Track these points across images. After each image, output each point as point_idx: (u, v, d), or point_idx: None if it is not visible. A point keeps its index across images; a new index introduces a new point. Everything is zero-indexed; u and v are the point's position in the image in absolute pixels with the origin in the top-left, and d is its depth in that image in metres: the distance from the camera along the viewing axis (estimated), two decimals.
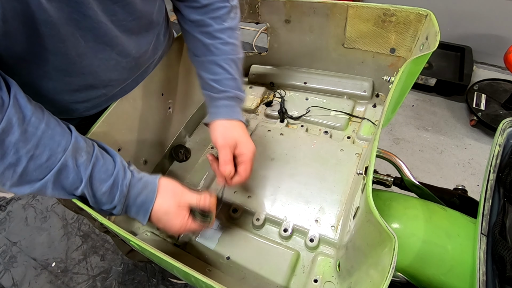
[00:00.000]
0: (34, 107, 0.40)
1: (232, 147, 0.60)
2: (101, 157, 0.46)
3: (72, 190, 0.43)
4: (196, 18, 0.59)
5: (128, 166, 0.50)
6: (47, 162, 0.40)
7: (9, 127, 0.37)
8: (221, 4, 0.59)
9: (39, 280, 1.41)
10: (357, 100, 0.85)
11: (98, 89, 0.55)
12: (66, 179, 0.42)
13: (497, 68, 1.96)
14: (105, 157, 0.47)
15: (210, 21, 0.59)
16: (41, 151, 0.39)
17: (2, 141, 0.36)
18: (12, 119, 0.37)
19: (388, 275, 0.32)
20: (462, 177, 1.55)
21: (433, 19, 0.60)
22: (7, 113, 0.37)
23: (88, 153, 0.44)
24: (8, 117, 0.37)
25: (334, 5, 0.72)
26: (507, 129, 0.53)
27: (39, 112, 0.41)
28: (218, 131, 0.60)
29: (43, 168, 0.40)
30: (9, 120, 0.37)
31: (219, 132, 0.60)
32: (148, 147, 0.70)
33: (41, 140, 0.40)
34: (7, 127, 0.36)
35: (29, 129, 0.39)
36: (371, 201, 0.38)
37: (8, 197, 1.72)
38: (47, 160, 0.40)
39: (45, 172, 0.40)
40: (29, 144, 0.38)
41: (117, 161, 0.48)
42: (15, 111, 0.37)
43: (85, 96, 0.54)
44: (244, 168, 0.60)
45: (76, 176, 0.43)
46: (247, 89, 0.94)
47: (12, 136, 0.37)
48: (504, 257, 0.45)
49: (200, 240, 0.64)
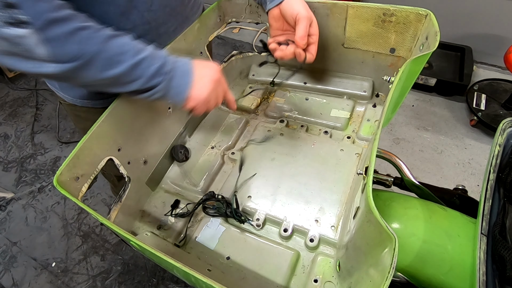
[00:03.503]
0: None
1: (310, 21, 0.64)
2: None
3: (122, 54, 0.49)
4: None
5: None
6: (96, 33, 0.47)
7: (61, 5, 0.45)
8: None
9: (39, 280, 1.41)
10: (357, 100, 0.85)
11: (141, 13, 0.58)
12: (115, 44, 0.49)
13: (497, 68, 1.96)
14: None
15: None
16: (89, 25, 0.47)
17: (58, 12, 0.43)
18: (59, 2, 0.45)
19: (389, 275, 0.32)
20: (462, 177, 1.55)
21: (433, 19, 0.60)
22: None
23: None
24: (58, 1, 0.45)
25: (334, 5, 0.72)
26: (507, 129, 0.53)
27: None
28: (299, 3, 0.64)
29: (93, 36, 0.47)
30: (58, 2, 0.44)
31: (300, 4, 0.64)
32: (148, 147, 0.70)
33: (87, 19, 0.48)
34: (58, 4, 0.44)
35: (74, 12, 0.46)
36: (371, 201, 0.38)
37: (8, 197, 1.72)
38: (96, 31, 0.47)
39: (96, 39, 0.47)
40: (79, 18, 0.46)
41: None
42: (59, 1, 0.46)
43: (131, 23, 0.58)
44: (314, 48, 0.67)
45: (124, 40, 0.50)
46: (247, 89, 0.94)
47: (65, 11, 0.45)
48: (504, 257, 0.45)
49: (200, 240, 0.64)
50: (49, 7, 0.43)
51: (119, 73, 0.49)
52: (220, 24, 0.85)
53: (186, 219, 0.68)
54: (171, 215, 0.68)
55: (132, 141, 0.65)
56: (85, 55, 0.46)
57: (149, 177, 0.72)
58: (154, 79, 0.52)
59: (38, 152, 1.94)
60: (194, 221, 0.68)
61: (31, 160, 1.90)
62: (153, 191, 0.74)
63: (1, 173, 1.86)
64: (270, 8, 0.68)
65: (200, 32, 0.76)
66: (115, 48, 0.49)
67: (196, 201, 0.69)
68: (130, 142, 0.64)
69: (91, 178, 0.57)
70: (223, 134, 0.83)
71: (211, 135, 0.83)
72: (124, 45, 0.50)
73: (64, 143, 1.98)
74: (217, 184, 0.73)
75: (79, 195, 0.54)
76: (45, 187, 1.76)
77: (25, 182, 1.80)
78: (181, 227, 0.67)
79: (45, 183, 1.78)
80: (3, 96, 2.33)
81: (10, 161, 1.92)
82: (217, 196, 0.68)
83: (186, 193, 0.73)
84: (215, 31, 0.83)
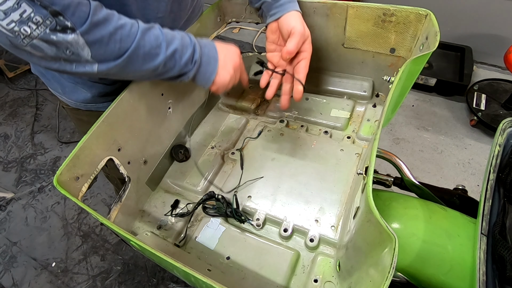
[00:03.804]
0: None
1: (305, 38, 0.65)
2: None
3: (157, 47, 0.52)
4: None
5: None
6: (132, 28, 0.50)
7: (96, 5, 0.46)
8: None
9: (39, 280, 1.42)
10: (357, 100, 0.85)
11: (149, 22, 0.59)
12: (149, 38, 0.51)
13: (497, 68, 1.96)
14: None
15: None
16: (124, 21, 0.49)
17: (97, 15, 0.45)
18: (94, 2, 0.46)
19: (389, 275, 0.32)
20: (462, 177, 1.55)
21: (433, 19, 0.60)
22: (91, 1, 0.46)
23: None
24: (92, 1, 0.46)
25: (334, 5, 0.72)
26: (507, 129, 0.53)
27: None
28: (295, 19, 0.65)
29: (131, 33, 0.49)
30: (93, 3, 0.46)
31: (297, 20, 0.65)
32: (148, 147, 0.70)
33: (120, 15, 0.50)
34: (95, 6, 0.46)
35: (108, 10, 0.48)
36: (371, 201, 0.38)
37: (8, 197, 1.72)
38: (131, 27, 0.50)
39: (133, 35, 0.49)
40: (114, 17, 0.48)
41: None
42: (95, 2, 0.47)
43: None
44: (305, 64, 0.67)
45: (156, 32, 0.52)
46: (247, 89, 0.94)
47: (102, 11, 0.47)
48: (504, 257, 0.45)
49: (200, 240, 0.64)
50: (89, 11, 0.45)
51: (156, 65, 0.53)
52: (220, 24, 0.85)
53: (186, 219, 0.68)
54: (171, 215, 0.68)
55: (132, 141, 0.65)
56: (126, 52, 0.49)
57: (149, 177, 0.72)
58: (186, 68, 0.56)
59: (38, 152, 1.94)
60: (194, 221, 0.68)
61: (31, 160, 1.90)
62: (153, 191, 0.74)
63: (1, 173, 1.86)
64: (270, 22, 0.69)
65: (200, 32, 0.76)
66: (151, 42, 0.52)
67: (196, 201, 0.69)
68: (130, 142, 0.64)
69: (91, 178, 0.57)
70: (223, 134, 0.83)
71: (211, 135, 0.83)
72: (157, 37, 0.52)
73: (64, 143, 1.98)
74: (217, 184, 0.73)
75: (79, 195, 0.54)
76: (45, 187, 1.76)
77: (25, 182, 1.80)
78: (181, 227, 0.67)
79: (45, 183, 1.78)
80: (3, 96, 2.33)
81: (10, 161, 1.92)
82: (217, 196, 0.68)
83: (186, 193, 0.73)
84: (215, 31, 0.83)
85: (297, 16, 0.66)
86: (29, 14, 0.40)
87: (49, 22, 0.42)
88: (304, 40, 0.66)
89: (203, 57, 0.58)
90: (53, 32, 0.43)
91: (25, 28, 0.41)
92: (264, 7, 0.71)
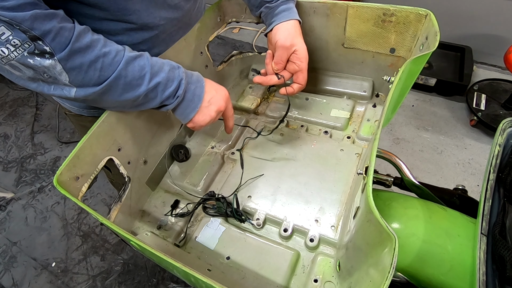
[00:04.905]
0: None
1: (288, 50, 0.67)
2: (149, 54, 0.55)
3: (140, 78, 0.51)
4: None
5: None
6: (116, 57, 0.49)
7: (81, 31, 0.46)
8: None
9: (39, 280, 1.42)
10: (357, 100, 0.85)
11: (151, 29, 0.60)
12: (133, 69, 0.50)
13: (497, 68, 1.96)
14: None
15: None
16: (109, 49, 0.48)
17: (80, 42, 0.45)
18: (79, 28, 0.46)
19: (389, 275, 0.32)
20: (462, 177, 1.55)
21: (433, 19, 0.60)
22: (75, 25, 0.46)
23: (138, 52, 0.53)
24: (77, 27, 0.46)
25: (334, 5, 0.72)
26: (507, 129, 0.53)
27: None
28: (281, 32, 0.67)
29: (114, 62, 0.49)
30: (78, 28, 0.46)
31: (282, 32, 0.67)
32: (148, 147, 0.70)
33: (106, 42, 0.49)
34: (79, 31, 0.45)
35: (95, 36, 0.48)
36: (371, 201, 0.38)
37: (8, 197, 1.72)
38: (116, 55, 0.49)
39: (116, 65, 0.49)
40: (99, 44, 0.48)
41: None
42: (80, 25, 0.47)
43: (140, 37, 0.60)
44: (302, 76, 0.69)
45: (141, 63, 0.51)
46: (247, 89, 0.94)
47: (86, 37, 0.46)
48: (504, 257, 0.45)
49: (200, 240, 0.64)
50: (71, 37, 0.44)
51: (136, 96, 0.52)
52: (220, 24, 0.85)
53: (186, 219, 0.68)
54: (171, 215, 0.68)
55: (132, 141, 0.65)
56: (106, 80, 0.48)
57: (149, 177, 0.72)
58: (167, 101, 0.56)
59: (38, 152, 1.94)
60: (194, 221, 0.68)
61: (31, 160, 1.90)
62: (153, 191, 0.74)
63: (1, 173, 1.86)
64: (265, 34, 0.72)
65: (200, 32, 0.76)
66: (134, 72, 0.51)
67: (196, 201, 0.69)
68: (130, 142, 0.64)
69: (91, 178, 0.57)
70: (223, 134, 0.83)
71: (211, 135, 0.83)
72: (142, 68, 0.52)
73: (64, 143, 1.98)
74: (217, 184, 0.73)
75: (79, 195, 0.54)
76: (45, 187, 1.76)
77: (25, 182, 1.80)
78: (181, 227, 0.67)
79: (45, 183, 1.78)
80: (3, 96, 2.33)
81: (10, 161, 1.92)
82: (217, 195, 0.68)
83: (186, 193, 0.73)
84: (215, 31, 0.83)
85: (287, 27, 0.67)
86: (7, 37, 0.40)
87: (27, 45, 0.42)
88: (288, 53, 0.67)
89: (187, 93, 0.57)
90: (30, 56, 0.43)
91: (3, 49, 0.41)
92: (263, 16, 0.72)
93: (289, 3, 0.69)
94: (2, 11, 0.39)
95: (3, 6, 0.39)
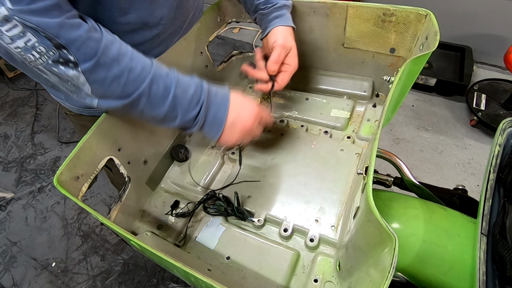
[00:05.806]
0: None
1: (287, 50, 0.66)
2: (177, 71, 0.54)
3: (163, 98, 0.50)
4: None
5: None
6: (141, 74, 0.48)
7: (109, 43, 0.45)
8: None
9: (39, 280, 1.42)
10: (357, 100, 0.85)
11: (152, 29, 0.59)
12: (157, 87, 0.49)
13: (497, 68, 1.96)
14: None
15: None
16: (135, 64, 0.47)
17: (106, 55, 0.44)
18: (108, 38, 0.46)
19: (389, 275, 0.32)
20: (462, 177, 1.55)
21: (433, 19, 0.60)
22: (103, 34, 0.45)
23: (167, 68, 0.53)
24: (105, 37, 0.45)
25: (334, 5, 0.72)
26: (507, 129, 0.53)
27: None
28: (279, 33, 0.66)
29: (139, 78, 0.48)
30: (106, 38, 0.45)
31: (280, 34, 0.66)
32: (148, 147, 0.70)
33: (133, 55, 0.48)
34: (107, 43, 0.45)
35: (122, 46, 0.47)
36: (371, 201, 0.38)
37: (8, 197, 1.72)
38: (141, 72, 0.48)
39: (141, 82, 0.48)
40: (126, 57, 0.46)
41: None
42: (108, 33, 0.46)
43: (141, 38, 0.59)
44: (283, 78, 0.68)
45: (168, 82, 0.50)
46: (247, 89, 0.94)
47: (113, 50, 0.45)
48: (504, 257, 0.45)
49: (200, 240, 0.64)
50: (98, 49, 0.44)
51: (157, 114, 0.52)
52: (220, 24, 0.85)
53: (186, 219, 0.68)
54: (171, 215, 0.68)
55: (132, 141, 0.65)
56: (129, 96, 0.48)
57: (149, 177, 0.72)
58: (187, 124, 0.54)
59: (38, 152, 1.94)
60: (194, 221, 0.68)
61: (31, 160, 1.90)
62: (153, 191, 0.74)
63: (1, 173, 1.86)
64: (261, 39, 0.73)
65: (200, 32, 0.77)
66: (158, 92, 0.50)
67: (196, 200, 0.69)
68: (130, 142, 0.64)
69: (91, 178, 0.57)
70: None
71: None
72: (166, 88, 0.50)
73: (64, 143, 1.98)
74: (218, 184, 0.73)
75: (79, 195, 0.54)
76: (45, 187, 1.76)
77: (25, 182, 1.80)
78: (181, 227, 0.67)
79: (45, 183, 1.78)
80: (3, 96, 2.33)
81: (10, 161, 1.92)
82: (217, 195, 0.68)
83: (186, 193, 0.73)
84: (215, 31, 0.83)
85: (281, 31, 0.67)
86: (33, 43, 0.41)
87: (52, 53, 0.42)
88: (286, 52, 0.66)
89: (208, 117, 0.55)
90: (55, 64, 0.43)
91: (29, 55, 0.42)
92: (258, 22, 0.73)
93: (282, 9, 0.69)
94: (29, 16, 0.39)
95: (30, 9, 0.39)
